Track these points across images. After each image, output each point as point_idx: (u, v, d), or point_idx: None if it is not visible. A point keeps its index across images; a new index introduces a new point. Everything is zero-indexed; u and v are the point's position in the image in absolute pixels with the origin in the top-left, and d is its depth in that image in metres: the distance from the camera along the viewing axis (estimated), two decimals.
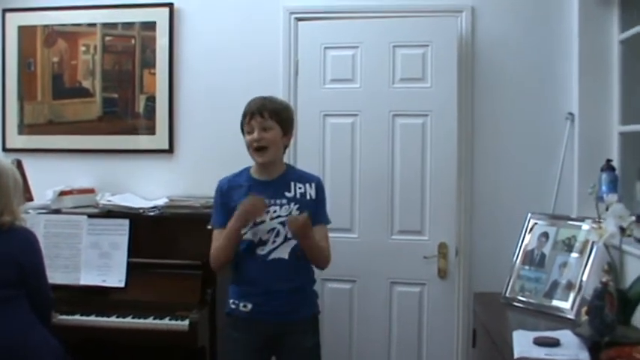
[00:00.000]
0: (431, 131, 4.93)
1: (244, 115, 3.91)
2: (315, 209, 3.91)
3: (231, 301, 3.97)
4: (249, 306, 3.86)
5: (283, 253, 3.83)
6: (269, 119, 3.84)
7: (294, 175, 4.02)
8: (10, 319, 3.75)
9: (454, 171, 4.92)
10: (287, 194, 3.88)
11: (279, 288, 3.82)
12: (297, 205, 3.85)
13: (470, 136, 5.03)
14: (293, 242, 3.83)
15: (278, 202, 3.85)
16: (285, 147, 4.02)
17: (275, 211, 3.83)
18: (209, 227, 4.05)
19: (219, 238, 3.91)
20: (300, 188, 3.92)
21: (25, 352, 3.72)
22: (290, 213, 3.83)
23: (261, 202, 3.75)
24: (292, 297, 3.87)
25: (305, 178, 4.01)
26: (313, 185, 3.96)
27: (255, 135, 3.83)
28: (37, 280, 3.96)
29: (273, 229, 3.83)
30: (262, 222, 3.82)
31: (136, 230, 4.81)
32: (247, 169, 4.02)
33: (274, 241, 3.83)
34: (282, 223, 3.81)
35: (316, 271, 4.09)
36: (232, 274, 4.01)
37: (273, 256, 3.83)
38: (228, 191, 3.97)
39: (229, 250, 3.83)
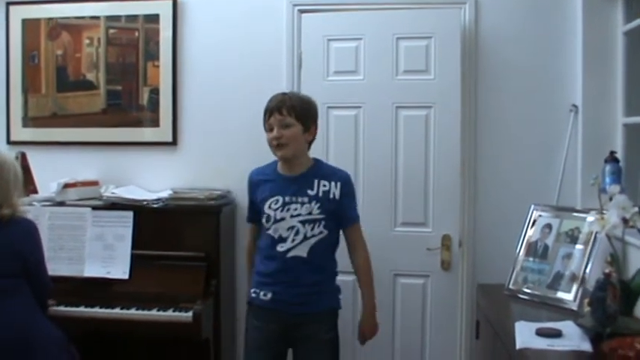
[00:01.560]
0: (434, 123, 4.93)
1: (265, 113, 3.91)
2: (339, 208, 3.92)
3: (252, 290, 3.99)
4: (269, 295, 3.88)
5: (302, 251, 3.83)
6: (288, 116, 3.83)
7: (320, 171, 3.98)
8: (13, 309, 3.78)
9: (457, 163, 4.93)
10: (309, 192, 3.86)
11: (297, 281, 3.84)
12: (318, 204, 3.83)
13: (473, 128, 5.02)
14: (313, 241, 3.84)
15: (300, 199, 3.84)
16: (310, 142, 4.01)
17: (296, 209, 3.82)
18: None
19: (249, 232, 4.18)
20: (324, 186, 3.89)
21: (27, 341, 3.75)
22: (310, 212, 3.82)
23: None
24: (311, 289, 3.89)
25: (331, 175, 3.97)
26: (339, 184, 3.91)
27: (275, 133, 3.82)
28: (36, 269, 3.99)
29: (292, 227, 3.82)
30: (282, 219, 3.82)
31: (140, 222, 4.83)
32: (276, 162, 4.02)
33: (294, 240, 3.82)
34: (302, 222, 3.81)
35: None
36: (256, 265, 4.03)
37: (292, 253, 3.83)
38: (257, 184, 4.00)
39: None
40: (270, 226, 3.84)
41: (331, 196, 3.88)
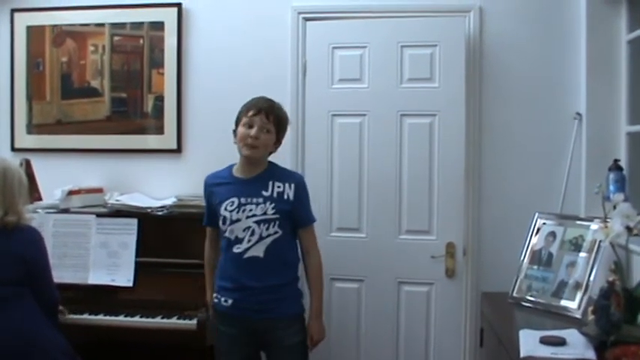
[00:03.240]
0: (439, 131, 4.93)
1: (248, 109, 3.99)
2: (294, 210, 4.02)
3: (215, 295, 4.09)
4: (230, 301, 3.97)
5: (258, 251, 3.92)
6: (271, 123, 3.95)
7: (275, 173, 4.08)
8: (17, 316, 3.78)
9: (462, 171, 4.92)
10: (264, 193, 3.96)
11: (254, 285, 3.91)
12: (272, 204, 3.93)
13: (477, 136, 5.02)
14: (268, 241, 3.93)
15: (255, 200, 3.94)
16: (271, 153, 4.11)
17: (251, 210, 3.91)
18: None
19: (207, 236, 4.32)
20: (278, 187, 3.99)
21: (32, 349, 3.74)
22: (265, 212, 3.91)
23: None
24: (268, 295, 3.94)
25: (285, 177, 4.08)
26: (293, 185, 4.02)
27: (254, 132, 3.92)
28: (41, 278, 3.98)
29: (248, 227, 3.91)
30: (238, 220, 3.90)
31: (144, 230, 4.83)
32: (231, 167, 4.13)
33: (249, 240, 3.91)
34: (257, 222, 3.90)
35: (325, 269, 4.18)
36: (217, 269, 4.11)
37: (248, 254, 3.91)
38: (212, 187, 4.11)
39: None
40: (227, 227, 3.94)
41: (285, 197, 3.98)
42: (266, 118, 3.92)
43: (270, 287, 3.94)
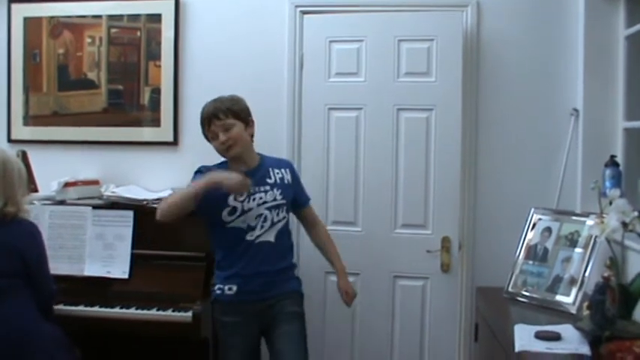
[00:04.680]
0: (435, 125, 4.93)
1: (202, 124, 4.06)
2: (295, 192, 4.17)
3: (216, 287, 4.07)
4: (234, 288, 3.97)
5: (270, 236, 3.98)
6: (226, 118, 3.96)
7: (270, 162, 4.16)
8: (12, 309, 3.77)
9: (458, 165, 4.93)
10: (268, 181, 4.03)
11: (265, 269, 3.96)
12: (279, 190, 4.03)
13: (474, 131, 5.03)
14: (279, 225, 4.01)
15: (262, 188, 3.98)
16: (252, 136, 4.12)
17: (261, 198, 3.96)
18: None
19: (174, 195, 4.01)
20: (278, 174, 4.09)
21: (28, 341, 3.74)
22: (275, 198, 3.99)
23: (246, 183, 3.76)
24: (275, 277, 4.02)
25: (279, 163, 4.21)
26: (288, 170, 4.17)
27: (222, 138, 3.95)
28: (39, 272, 3.98)
29: (260, 214, 3.95)
30: (250, 209, 3.92)
31: (140, 222, 4.83)
32: (226, 162, 4.10)
33: (262, 226, 3.95)
34: (269, 208, 3.96)
35: (320, 263, 4.27)
36: (218, 262, 4.11)
37: (260, 239, 3.95)
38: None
39: (178, 209, 3.83)
40: (236, 218, 3.93)
41: (286, 181, 4.11)
42: (218, 120, 3.96)
43: (280, 270, 4.03)
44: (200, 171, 4.06)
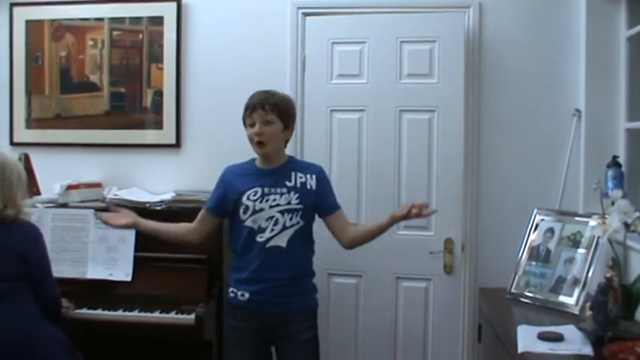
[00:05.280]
0: (437, 127, 4.93)
1: (246, 108, 4.00)
2: (318, 200, 4.05)
3: (230, 289, 4.06)
4: (247, 295, 3.95)
5: (281, 241, 3.92)
6: (270, 113, 3.93)
7: (296, 165, 4.13)
8: (14, 311, 3.77)
9: (460, 167, 4.93)
10: (287, 183, 3.98)
11: (275, 276, 3.91)
12: (296, 195, 3.95)
13: (476, 132, 5.03)
14: (291, 231, 3.94)
15: (278, 190, 3.95)
16: (287, 141, 4.11)
17: (275, 200, 3.93)
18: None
19: (198, 217, 4.21)
20: (301, 178, 4.02)
21: (29, 344, 3.74)
22: (289, 202, 3.93)
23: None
24: (286, 288, 3.95)
25: (306, 168, 4.12)
26: (314, 176, 4.06)
27: (257, 128, 3.92)
28: (41, 275, 3.97)
29: (272, 217, 3.91)
30: (261, 210, 3.90)
31: None
32: (254, 159, 4.13)
33: (272, 229, 3.91)
34: (281, 212, 3.91)
35: (323, 264, 4.22)
36: (233, 262, 4.10)
37: (271, 243, 3.91)
38: (232, 177, 4.09)
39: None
40: (248, 217, 3.93)
41: (308, 187, 4.01)
42: (262, 110, 3.92)
43: (289, 279, 3.95)
44: (225, 175, 4.15)
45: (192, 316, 4.45)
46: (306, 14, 5.19)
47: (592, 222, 4.00)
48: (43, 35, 5.55)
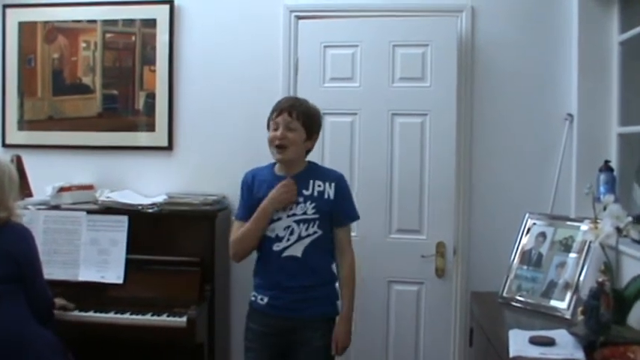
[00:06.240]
0: (430, 130, 4.95)
1: (273, 111, 3.93)
2: (337, 208, 3.95)
3: (252, 293, 4.01)
4: (265, 299, 3.90)
5: (297, 251, 3.85)
6: (295, 120, 3.87)
7: (315, 172, 4.02)
8: (7, 314, 3.76)
9: (452, 170, 4.94)
10: (304, 192, 3.89)
11: (292, 284, 3.85)
12: (313, 204, 3.87)
13: (469, 136, 5.04)
14: (307, 241, 3.86)
15: (294, 199, 3.88)
16: (308, 151, 4.03)
17: (291, 209, 3.86)
18: (233, 218, 4.11)
19: (237, 229, 3.96)
20: (319, 186, 3.92)
21: (21, 346, 3.73)
22: (305, 212, 3.86)
23: (293, 186, 3.81)
24: (303, 294, 3.89)
25: (326, 175, 4.01)
26: (333, 184, 3.95)
27: (279, 132, 3.84)
28: (32, 277, 3.96)
29: (288, 226, 3.85)
30: (279, 219, 3.85)
31: (134, 227, 4.83)
32: (272, 165, 4.05)
33: (288, 239, 3.84)
34: (297, 222, 3.85)
35: None
36: (255, 266, 4.03)
37: (287, 253, 3.85)
38: (254, 182, 3.99)
39: (256, 235, 3.88)
40: (268, 225, 3.87)
41: (326, 196, 3.91)
42: (289, 116, 3.85)
43: (306, 287, 3.89)
44: (246, 179, 4.04)
45: (184, 318, 4.46)
46: (298, 17, 5.19)
47: (584, 226, 4.00)
48: (35, 37, 5.54)
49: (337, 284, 4.02)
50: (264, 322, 3.93)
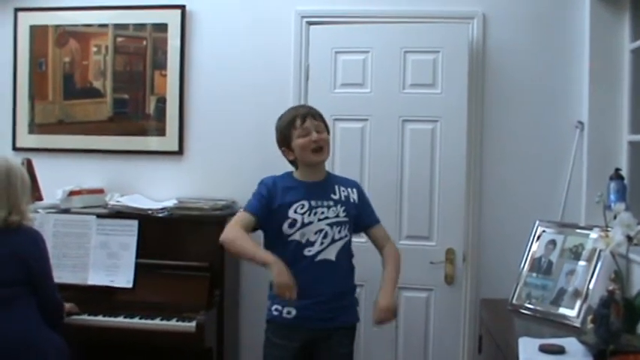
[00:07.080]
0: (440, 137, 4.94)
1: (293, 119, 3.89)
2: (362, 212, 4.03)
3: (274, 307, 3.91)
4: (293, 312, 3.82)
5: (330, 254, 3.85)
6: (321, 121, 3.93)
7: (336, 179, 4.09)
8: (17, 317, 3.78)
9: (463, 177, 4.94)
10: (333, 196, 3.92)
11: (323, 291, 3.82)
12: (342, 207, 3.90)
13: (479, 143, 5.03)
14: (340, 244, 3.88)
15: (325, 203, 3.88)
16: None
17: (323, 213, 3.85)
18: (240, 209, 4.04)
19: (242, 219, 3.86)
20: (344, 191, 3.97)
21: (29, 350, 3.75)
22: (337, 215, 3.87)
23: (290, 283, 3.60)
24: (335, 302, 3.88)
25: (346, 182, 4.09)
26: (355, 190, 4.04)
27: (315, 136, 3.85)
28: (43, 281, 3.98)
29: (321, 230, 3.83)
30: (310, 223, 3.82)
31: (144, 231, 4.84)
32: (288, 173, 4.03)
33: (322, 242, 3.83)
34: (330, 225, 3.84)
35: None
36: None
37: (320, 257, 3.83)
38: (275, 188, 3.91)
39: (244, 255, 3.87)
40: (296, 231, 3.82)
41: (352, 200, 3.98)
42: (314, 119, 3.89)
43: (339, 294, 3.90)
44: (267, 183, 3.96)
45: (193, 323, 4.46)
46: (310, 23, 5.20)
47: (594, 234, 3.98)
48: (47, 41, 5.56)
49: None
50: (291, 336, 3.86)
